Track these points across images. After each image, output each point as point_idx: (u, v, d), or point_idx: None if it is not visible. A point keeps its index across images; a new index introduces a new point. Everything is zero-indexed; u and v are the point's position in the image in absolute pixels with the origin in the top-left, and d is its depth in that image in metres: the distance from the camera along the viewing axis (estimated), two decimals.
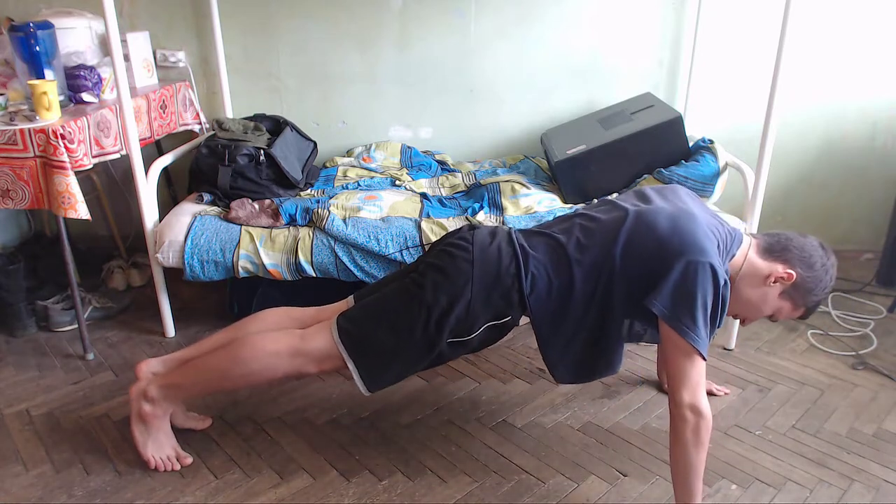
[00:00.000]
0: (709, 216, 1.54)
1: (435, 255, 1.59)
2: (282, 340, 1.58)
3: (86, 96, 2.16)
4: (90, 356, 2.16)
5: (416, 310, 1.51)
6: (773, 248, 1.54)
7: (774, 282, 1.51)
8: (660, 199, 1.59)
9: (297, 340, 1.57)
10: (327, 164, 2.77)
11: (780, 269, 1.51)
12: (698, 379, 1.38)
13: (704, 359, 1.38)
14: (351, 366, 1.54)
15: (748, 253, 1.55)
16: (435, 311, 1.50)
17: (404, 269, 1.73)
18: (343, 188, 2.47)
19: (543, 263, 1.54)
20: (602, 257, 1.50)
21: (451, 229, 2.11)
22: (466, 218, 2.20)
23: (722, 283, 1.40)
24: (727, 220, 1.70)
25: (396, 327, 1.52)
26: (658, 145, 2.27)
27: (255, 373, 1.58)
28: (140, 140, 2.15)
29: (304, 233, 2.13)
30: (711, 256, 1.40)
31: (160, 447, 1.66)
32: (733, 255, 1.53)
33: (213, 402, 1.90)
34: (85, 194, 1.94)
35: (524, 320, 1.62)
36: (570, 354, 1.58)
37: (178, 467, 1.65)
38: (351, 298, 1.73)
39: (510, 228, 1.65)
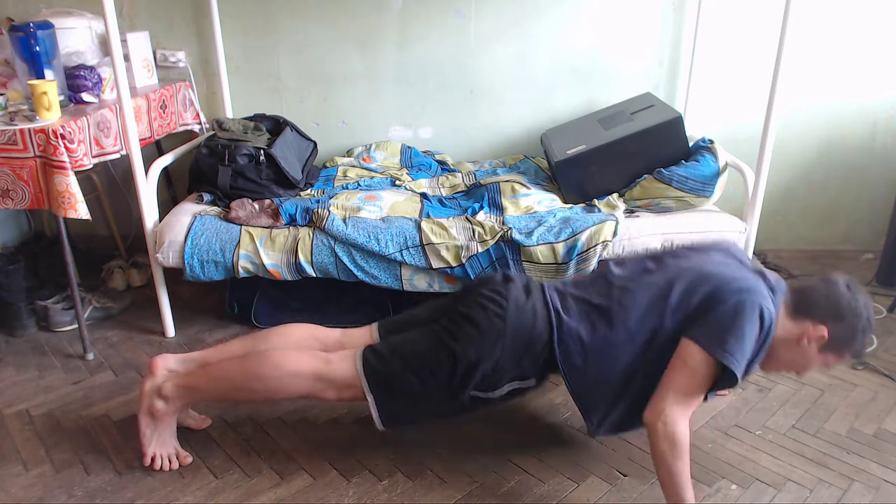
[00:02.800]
0: (748, 272, 1.55)
1: (469, 305, 1.58)
2: (305, 362, 1.58)
3: (86, 96, 2.16)
4: (90, 356, 2.16)
5: (444, 359, 1.52)
6: (799, 307, 1.49)
7: (809, 342, 1.46)
8: (697, 257, 1.59)
9: (322, 365, 1.57)
10: (327, 164, 2.77)
11: (810, 328, 1.46)
12: (691, 393, 1.39)
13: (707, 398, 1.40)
14: (371, 400, 1.56)
15: (780, 314, 1.50)
16: (462, 363, 1.51)
17: (434, 310, 1.71)
18: (343, 188, 2.47)
19: (575, 331, 1.53)
20: (650, 323, 1.48)
21: (451, 229, 2.12)
22: (467, 218, 2.20)
23: (768, 322, 1.40)
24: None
25: (422, 372, 1.53)
26: (658, 145, 2.27)
27: (274, 389, 1.59)
28: (140, 140, 2.15)
29: (304, 233, 2.13)
30: (761, 296, 1.41)
31: (163, 444, 1.66)
32: (779, 307, 1.50)
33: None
34: (85, 194, 1.94)
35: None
36: (611, 418, 1.55)
37: (177, 466, 1.65)
38: (375, 327, 1.74)
39: (542, 285, 1.64)
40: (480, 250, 2.09)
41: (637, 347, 1.49)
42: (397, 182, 2.54)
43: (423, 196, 2.39)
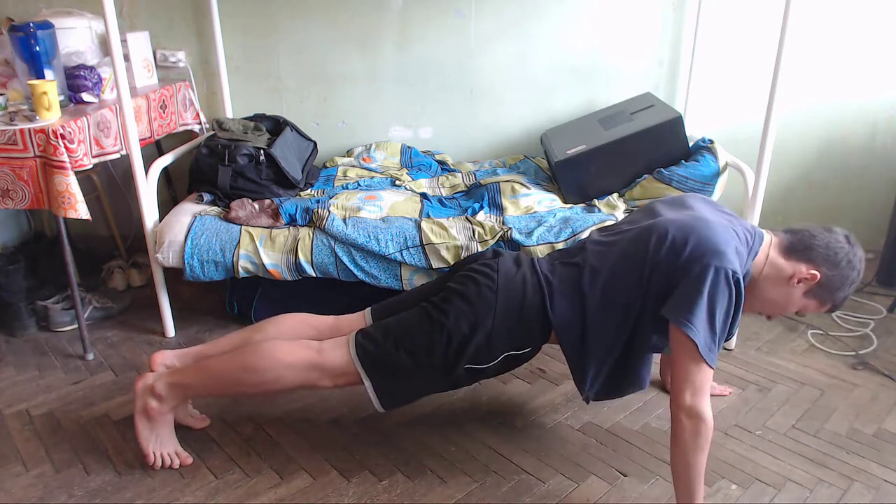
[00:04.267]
0: (724, 218, 1.53)
1: (459, 280, 1.59)
2: (298, 353, 1.58)
3: (86, 96, 2.16)
4: (90, 356, 2.16)
5: (437, 334, 1.52)
6: (796, 247, 1.49)
7: (798, 282, 1.47)
8: (671, 211, 1.58)
9: (315, 354, 1.57)
10: (327, 164, 2.77)
11: (803, 269, 1.46)
12: (702, 382, 1.37)
13: (710, 365, 1.36)
14: (367, 383, 1.55)
15: (770, 252, 1.51)
16: (455, 337, 1.51)
17: (425, 290, 1.73)
18: (343, 188, 2.47)
19: (567, 293, 1.54)
20: (627, 279, 1.48)
21: (451, 229, 2.12)
22: (467, 218, 2.20)
23: (735, 288, 1.37)
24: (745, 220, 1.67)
25: (415, 349, 1.53)
26: (658, 145, 2.27)
27: (268, 382, 1.58)
28: (140, 140, 2.15)
29: (304, 233, 2.13)
30: (727, 260, 1.37)
31: (162, 443, 1.66)
32: (756, 254, 1.50)
33: (214, 401, 1.90)
34: (85, 194, 1.94)
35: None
36: (602, 375, 1.56)
37: (177, 465, 1.65)
38: (368, 312, 1.74)
39: (533, 258, 1.65)
40: (480, 250, 2.09)
41: (620, 304, 1.49)
42: (397, 182, 2.54)
43: (423, 196, 2.39)
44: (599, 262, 1.55)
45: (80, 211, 1.91)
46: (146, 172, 2.14)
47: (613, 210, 2.24)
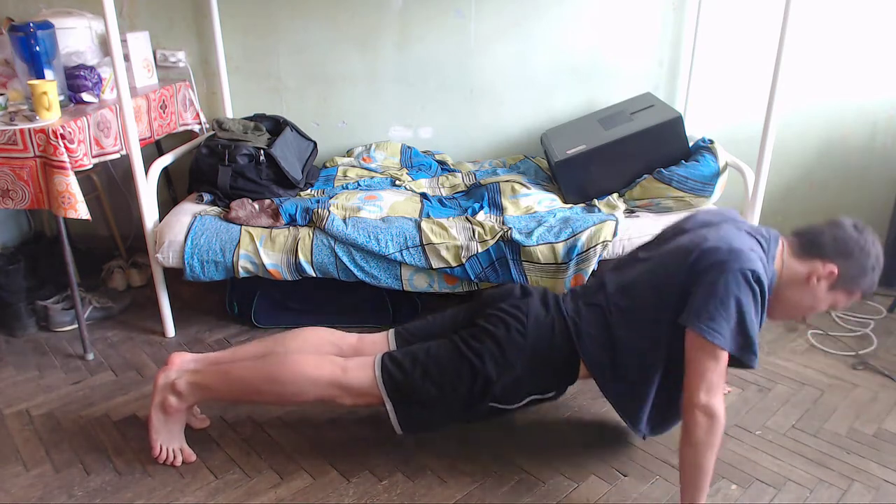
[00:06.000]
0: (734, 223, 1.55)
1: (489, 320, 1.59)
2: (323, 368, 1.59)
3: (86, 96, 2.16)
4: (90, 356, 2.16)
5: (466, 372, 1.54)
6: (807, 247, 1.50)
7: (818, 280, 1.47)
8: (684, 236, 1.58)
9: (339, 372, 1.58)
10: (327, 164, 2.77)
11: (819, 267, 1.47)
12: (717, 381, 1.37)
13: (753, 365, 1.38)
14: (389, 407, 1.57)
15: (784, 257, 1.52)
16: (482, 377, 1.53)
17: (450, 319, 1.73)
18: (343, 188, 2.47)
19: (595, 335, 1.55)
20: (657, 315, 1.48)
21: (451, 229, 2.12)
22: (467, 218, 2.20)
23: (757, 286, 1.37)
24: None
25: (443, 383, 1.55)
26: (658, 145, 2.27)
27: (290, 394, 1.60)
28: (140, 140, 2.15)
29: (304, 233, 2.13)
30: (745, 259, 1.37)
31: (171, 438, 1.67)
32: (774, 258, 1.50)
33: (215, 401, 1.90)
34: (85, 194, 1.94)
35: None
36: (648, 405, 1.56)
37: (180, 462, 1.66)
38: (391, 333, 1.74)
39: (557, 297, 1.65)
40: (480, 250, 2.09)
41: (655, 341, 1.50)
42: (397, 182, 2.54)
43: (423, 196, 2.39)
44: (622, 298, 1.55)
45: (80, 211, 1.91)
46: (146, 172, 2.14)
47: (613, 210, 2.24)
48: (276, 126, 2.58)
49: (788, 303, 1.52)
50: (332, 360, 1.62)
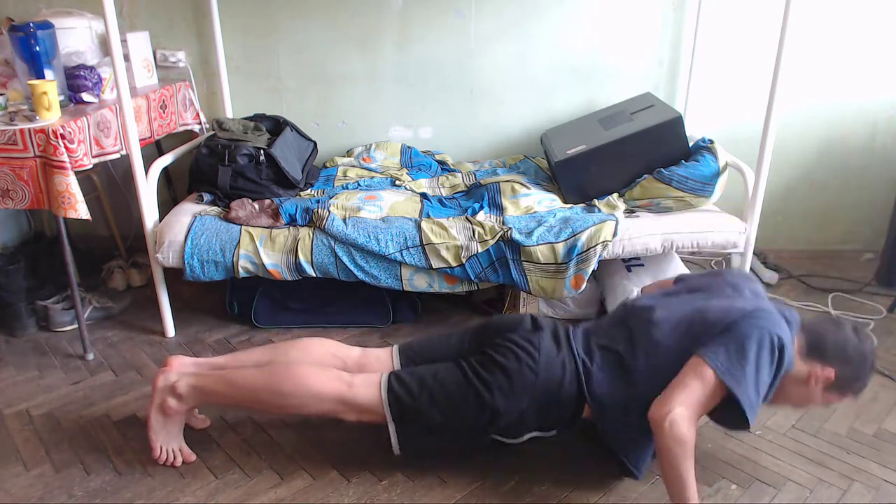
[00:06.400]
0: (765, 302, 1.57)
1: (500, 350, 1.58)
2: (328, 384, 1.58)
3: (86, 96, 2.16)
4: (90, 356, 2.16)
5: (473, 401, 1.53)
6: (810, 349, 1.54)
7: (816, 382, 1.52)
8: (715, 298, 1.60)
9: (345, 388, 1.57)
10: (327, 164, 2.77)
11: (818, 369, 1.51)
12: (696, 402, 1.39)
13: (750, 423, 1.40)
14: (392, 428, 1.57)
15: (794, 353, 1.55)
16: (489, 409, 1.53)
17: (457, 341, 1.72)
18: (343, 188, 2.47)
19: (607, 380, 1.55)
20: (671, 365, 1.49)
21: (451, 229, 2.12)
22: (467, 218, 2.20)
23: (777, 354, 1.43)
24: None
25: (449, 411, 1.55)
26: (658, 145, 2.27)
27: (292, 406, 1.60)
28: (140, 140, 2.15)
29: (304, 233, 2.13)
30: (776, 325, 1.44)
31: (170, 439, 1.67)
32: (793, 343, 1.53)
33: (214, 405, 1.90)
34: (85, 194, 1.94)
35: None
36: (652, 453, 1.57)
37: (179, 462, 1.66)
38: (395, 349, 1.74)
39: (568, 332, 1.64)
40: (480, 250, 2.09)
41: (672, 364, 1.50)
42: (397, 182, 2.54)
43: (423, 196, 2.39)
44: (647, 357, 1.54)
45: (80, 211, 1.91)
46: (146, 172, 2.13)
47: (613, 210, 2.24)
48: (276, 126, 2.58)
49: (789, 396, 1.56)
50: (338, 375, 1.60)
